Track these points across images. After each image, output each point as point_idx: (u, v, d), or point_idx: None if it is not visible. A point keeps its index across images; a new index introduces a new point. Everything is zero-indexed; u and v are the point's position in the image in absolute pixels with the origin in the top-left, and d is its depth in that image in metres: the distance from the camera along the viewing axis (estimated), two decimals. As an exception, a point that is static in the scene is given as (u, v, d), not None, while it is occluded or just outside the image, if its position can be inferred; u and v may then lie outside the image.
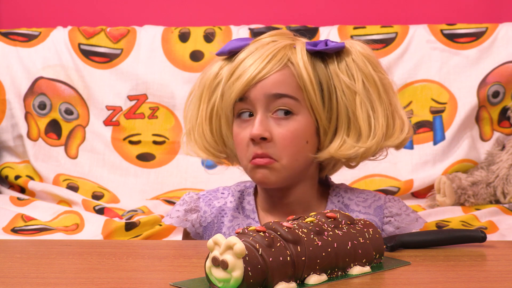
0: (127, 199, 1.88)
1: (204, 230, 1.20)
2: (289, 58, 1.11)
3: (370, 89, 1.12)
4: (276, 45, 1.12)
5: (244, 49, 1.14)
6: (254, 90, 1.11)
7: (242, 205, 1.19)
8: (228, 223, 1.18)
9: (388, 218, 1.17)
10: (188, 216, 1.20)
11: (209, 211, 1.19)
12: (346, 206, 1.18)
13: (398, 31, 1.99)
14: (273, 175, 1.11)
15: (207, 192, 1.23)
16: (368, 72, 1.12)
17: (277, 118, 1.10)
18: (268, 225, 0.87)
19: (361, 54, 1.13)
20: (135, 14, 2.18)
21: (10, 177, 1.91)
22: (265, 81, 1.10)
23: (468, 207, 1.76)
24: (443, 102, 1.95)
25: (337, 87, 1.12)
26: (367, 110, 1.11)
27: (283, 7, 2.18)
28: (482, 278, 0.90)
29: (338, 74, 1.11)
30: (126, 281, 0.90)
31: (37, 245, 1.12)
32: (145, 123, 1.97)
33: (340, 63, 1.12)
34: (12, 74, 1.98)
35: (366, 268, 0.92)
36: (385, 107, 1.12)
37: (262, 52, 1.11)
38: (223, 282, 0.82)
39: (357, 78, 1.11)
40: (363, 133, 1.11)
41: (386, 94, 1.13)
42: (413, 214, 1.19)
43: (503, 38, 1.96)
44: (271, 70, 1.10)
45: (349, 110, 1.11)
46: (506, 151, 1.83)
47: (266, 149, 1.10)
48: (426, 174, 1.88)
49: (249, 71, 1.10)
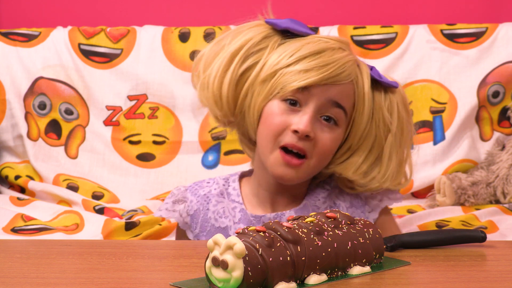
0: (127, 199, 1.88)
1: (191, 218, 1.22)
2: (357, 75, 1.15)
3: (398, 132, 1.18)
4: (347, 57, 1.14)
5: (305, 40, 1.15)
6: (318, 88, 1.11)
7: (227, 191, 1.22)
8: (212, 208, 1.21)
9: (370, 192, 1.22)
10: (175, 207, 1.23)
11: (195, 200, 1.22)
12: (329, 184, 1.23)
13: (398, 31, 1.99)
14: (297, 175, 1.14)
15: (194, 183, 1.26)
16: (402, 117, 1.18)
17: (323, 123, 1.13)
18: (268, 225, 0.87)
19: (402, 98, 1.19)
20: (135, 14, 2.18)
21: (10, 177, 1.91)
22: (332, 87, 1.12)
23: (468, 207, 1.76)
24: (443, 102, 1.95)
25: (375, 117, 1.16)
26: (391, 150, 1.17)
27: (283, 7, 2.18)
28: (482, 278, 0.90)
29: (381, 107, 1.16)
30: (126, 281, 0.90)
31: (37, 245, 1.12)
32: (145, 123, 1.97)
33: (386, 99, 1.17)
34: (12, 74, 1.98)
35: (366, 268, 0.92)
36: (402, 154, 1.19)
37: (334, 58, 1.13)
38: (223, 282, 0.82)
39: (394, 118, 1.17)
40: (381, 170, 1.17)
41: (407, 142, 1.19)
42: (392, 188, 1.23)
43: (503, 38, 1.96)
44: (340, 80, 1.12)
45: (376, 141, 1.17)
46: (506, 151, 1.83)
47: (305, 146, 1.12)
48: (426, 174, 1.88)
49: (322, 72, 1.11)
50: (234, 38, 1.17)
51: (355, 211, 1.20)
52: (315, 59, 1.12)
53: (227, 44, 1.17)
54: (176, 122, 1.97)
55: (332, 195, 1.20)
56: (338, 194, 1.21)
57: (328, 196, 1.20)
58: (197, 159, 1.95)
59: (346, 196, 1.21)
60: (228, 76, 1.15)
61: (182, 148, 1.96)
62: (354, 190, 1.21)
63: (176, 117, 1.97)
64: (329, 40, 1.15)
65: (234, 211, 1.20)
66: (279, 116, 1.12)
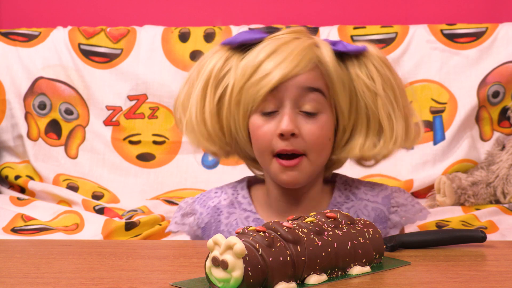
0: (127, 199, 1.88)
1: (203, 231, 1.20)
2: (318, 57, 1.12)
3: (388, 92, 1.14)
4: (302, 44, 1.12)
5: (260, 45, 1.13)
6: (285, 85, 1.10)
7: (237, 200, 1.20)
8: (225, 220, 1.18)
9: (394, 208, 1.19)
10: (185, 220, 1.21)
11: (204, 212, 1.20)
12: (354, 194, 1.19)
13: (398, 31, 2.00)
14: (301, 175, 1.12)
15: (201, 194, 1.23)
16: (386, 75, 1.14)
17: (304, 114, 1.11)
18: (268, 225, 0.87)
19: (378, 58, 1.15)
20: (135, 14, 2.18)
21: (10, 177, 1.91)
22: (297, 77, 1.10)
23: (468, 207, 1.76)
24: (443, 102, 1.95)
25: (357, 88, 1.13)
26: (388, 111, 1.13)
27: (283, 7, 2.18)
28: (482, 278, 0.90)
29: (359, 75, 1.13)
30: (126, 281, 0.90)
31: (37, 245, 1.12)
32: (145, 123, 1.97)
33: (360, 66, 1.14)
34: (12, 74, 1.98)
35: (366, 268, 0.92)
36: (402, 110, 1.15)
37: (289, 51, 1.11)
38: (223, 282, 0.82)
39: (377, 81, 1.13)
40: (386, 134, 1.13)
41: (402, 97, 1.15)
42: (417, 205, 1.21)
43: (503, 38, 1.96)
44: (303, 69, 1.10)
45: (369, 111, 1.13)
46: (506, 151, 1.83)
47: (295, 145, 1.10)
48: (426, 174, 1.88)
49: (281, 69, 1.09)
50: (199, 72, 1.17)
51: (378, 227, 1.18)
52: (272, 60, 1.10)
53: (195, 80, 1.17)
54: (176, 122, 1.97)
55: (356, 208, 1.19)
56: (363, 208, 1.18)
57: (352, 208, 1.19)
58: (197, 159, 1.95)
59: (371, 211, 1.19)
60: (207, 110, 1.15)
61: (182, 148, 1.96)
62: (371, 163, 1.19)
63: (176, 117, 1.97)
64: (282, 35, 1.14)
65: (248, 220, 1.18)
66: (262, 128, 1.12)
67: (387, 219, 1.18)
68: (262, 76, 1.10)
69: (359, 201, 1.18)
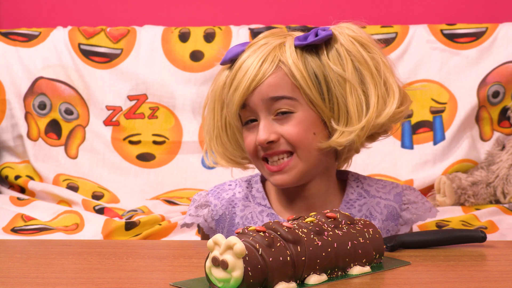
0: (127, 199, 1.88)
1: (217, 223, 1.20)
2: (279, 58, 1.12)
3: (362, 71, 1.12)
4: (267, 48, 1.13)
5: (242, 55, 1.15)
6: (252, 97, 1.12)
7: (251, 194, 1.21)
8: (240, 213, 1.19)
9: (406, 205, 1.20)
10: (199, 212, 1.21)
11: (219, 204, 1.21)
12: (366, 191, 1.20)
13: (398, 31, 2.00)
14: (290, 176, 1.13)
15: (215, 187, 1.24)
16: (358, 54, 1.12)
17: (279, 119, 1.12)
18: (268, 225, 0.87)
19: (349, 37, 1.13)
20: (135, 14, 2.18)
21: (10, 177, 1.91)
22: (260, 86, 1.12)
23: (468, 207, 1.76)
24: (443, 102, 1.95)
25: (331, 76, 1.12)
26: (358, 96, 1.12)
27: (283, 7, 2.18)
28: (482, 278, 0.90)
29: (328, 63, 1.12)
30: (126, 281, 0.90)
31: (37, 245, 1.12)
32: (145, 123, 1.97)
33: (330, 52, 1.13)
34: (12, 74, 1.98)
35: (366, 268, 0.92)
36: (379, 86, 1.13)
37: (254, 57, 1.12)
38: (223, 282, 0.82)
39: (347, 63, 1.11)
40: (353, 118, 1.12)
41: (379, 73, 1.13)
42: (427, 203, 1.22)
43: (503, 38, 1.96)
44: (264, 75, 1.12)
45: (341, 98, 1.12)
46: (506, 151, 1.83)
47: (278, 148, 1.12)
48: (426, 174, 1.88)
49: (244, 80, 1.12)
50: (209, 98, 1.21)
51: (390, 224, 1.19)
52: (236, 75, 1.13)
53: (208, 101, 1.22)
54: (176, 122, 1.97)
55: (368, 205, 1.19)
56: (376, 206, 1.19)
57: (365, 205, 1.19)
58: (197, 159, 1.95)
59: (384, 208, 1.19)
60: (219, 130, 1.20)
61: (182, 148, 1.96)
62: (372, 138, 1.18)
63: (176, 117, 1.97)
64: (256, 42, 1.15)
65: (262, 215, 1.19)
66: (247, 139, 1.15)
67: (399, 216, 1.19)
68: (231, 94, 1.14)
69: (371, 198, 1.19)
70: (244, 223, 1.18)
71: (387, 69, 1.14)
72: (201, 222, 1.21)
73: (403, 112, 1.15)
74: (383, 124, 1.14)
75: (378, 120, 1.12)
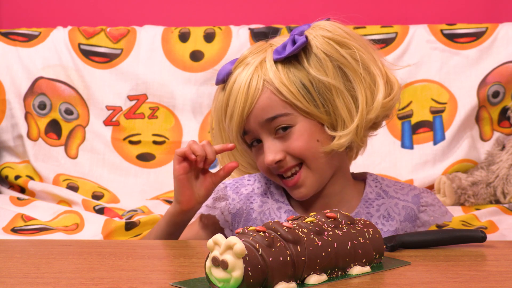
0: (127, 199, 1.88)
1: (233, 217, 1.21)
2: (263, 78, 1.13)
3: (344, 70, 1.12)
4: (250, 68, 1.13)
5: (231, 77, 1.16)
6: (249, 123, 1.14)
7: (270, 190, 1.22)
8: (258, 209, 1.20)
9: (424, 207, 1.21)
10: (216, 204, 1.22)
11: (237, 198, 1.21)
12: (385, 192, 1.20)
13: (398, 31, 2.00)
14: (306, 188, 1.15)
15: (233, 180, 1.25)
16: (336, 54, 1.11)
17: (281, 136, 1.13)
18: (268, 225, 0.88)
19: (324, 38, 1.12)
20: (135, 14, 2.18)
21: (10, 177, 1.91)
22: (253, 112, 1.13)
23: (468, 207, 1.76)
24: (443, 102, 1.95)
25: (316, 83, 1.12)
26: (345, 97, 1.12)
27: (283, 7, 2.18)
28: (482, 278, 0.90)
29: (309, 71, 1.12)
30: (126, 281, 0.90)
31: (37, 245, 1.12)
32: (145, 123, 1.97)
33: (309, 58, 1.12)
34: (12, 74, 1.98)
35: (366, 268, 0.92)
36: (364, 81, 1.12)
37: (240, 81, 1.13)
38: (223, 282, 0.82)
39: (327, 66, 1.11)
40: (345, 120, 1.12)
41: (362, 67, 1.12)
42: (443, 207, 1.24)
43: (503, 38, 1.96)
44: (253, 99, 1.13)
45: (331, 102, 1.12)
46: (506, 151, 1.83)
47: (288, 164, 1.14)
48: (426, 174, 1.88)
49: (236, 109, 1.13)
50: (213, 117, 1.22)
51: (407, 225, 1.19)
52: (228, 103, 1.15)
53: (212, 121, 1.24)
54: (176, 122, 1.97)
55: (387, 205, 1.20)
56: (394, 206, 1.19)
57: (383, 205, 1.20)
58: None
59: (402, 209, 1.20)
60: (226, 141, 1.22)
61: (182, 148, 1.96)
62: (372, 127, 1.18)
63: (176, 117, 1.97)
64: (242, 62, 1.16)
65: (280, 211, 1.20)
66: (258, 160, 1.17)
67: (416, 218, 1.20)
68: (229, 119, 1.15)
69: (390, 199, 1.19)
70: (262, 218, 1.19)
71: (368, 60, 1.13)
72: (217, 214, 1.22)
73: (393, 99, 1.15)
74: (378, 116, 1.14)
75: (370, 115, 1.12)
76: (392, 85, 1.15)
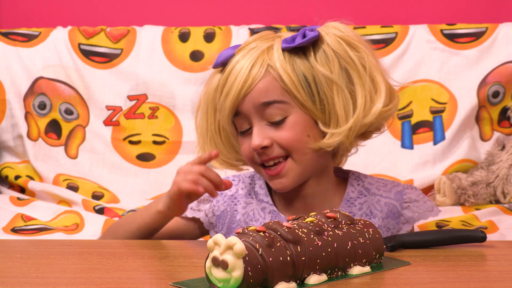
0: (127, 199, 1.88)
1: (218, 219, 1.21)
2: (268, 63, 1.12)
3: (349, 71, 1.12)
4: (256, 52, 1.13)
5: (232, 59, 1.15)
6: (243, 104, 1.13)
7: (254, 190, 1.21)
8: (242, 210, 1.20)
9: (407, 204, 1.20)
10: (200, 207, 1.22)
11: (221, 200, 1.21)
12: (367, 189, 1.20)
13: (398, 31, 1.99)
14: (288, 179, 1.14)
15: None
16: (345, 54, 1.12)
17: (272, 124, 1.12)
18: (268, 225, 0.88)
19: (336, 37, 1.13)
20: (135, 14, 2.18)
21: (10, 177, 1.91)
22: (251, 93, 1.12)
23: (468, 207, 1.76)
24: (443, 102, 1.95)
25: (319, 78, 1.12)
26: (345, 97, 1.12)
27: (283, 7, 2.18)
28: (482, 278, 0.90)
29: (315, 65, 1.12)
30: (126, 281, 0.90)
31: (37, 245, 1.12)
32: (145, 123, 1.97)
33: (317, 53, 1.13)
34: (12, 74, 1.98)
35: (366, 268, 0.92)
36: (366, 86, 1.12)
37: (244, 62, 1.13)
38: (223, 282, 0.82)
39: (334, 64, 1.11)
40: (340, 119, 1.12)
41: (366, 72, 1.13)
42: (429, 202, 1.22)
43: (503, 38, 1.96)
44: (254, 80, 1.12)
45: (329, 99, 1.12)
46: (506, 151, 1.83)
47: (273, 154, 1.13)
48: (426, 174, 1.88)
49: (234, 86, 1.13)
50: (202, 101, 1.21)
51: (390, 222, 1.19)
52: (226, 80, 1.14)
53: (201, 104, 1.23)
54: (176, 122, 1.97)
55: (369, 203, 1.19)
56: (376, 204, 1.19)
57: (365, 203, 1.19)
58: (197, 159, 1.95)
59: (384, 206, 1.19)
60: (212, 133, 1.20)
61: (182, 148, 1.96)
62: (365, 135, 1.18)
63: (176, 117, 1.97)
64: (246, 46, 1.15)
65: (264, 212, 1.19)
66: (243, 145, 1.16)
67: (399, 214, 1.19)
68: (222, 101, 1.14)
69: (372, 196, 1.19)
70: (245, 220, 1.19)
71: (374, 67, 1.14)
72: (201, 217, 1.22)
73: (391, 110, 1.15)
74: (372, 123, 1.14)
75: (366, 120, 1.12)
76: (392, 97, 1.16)
